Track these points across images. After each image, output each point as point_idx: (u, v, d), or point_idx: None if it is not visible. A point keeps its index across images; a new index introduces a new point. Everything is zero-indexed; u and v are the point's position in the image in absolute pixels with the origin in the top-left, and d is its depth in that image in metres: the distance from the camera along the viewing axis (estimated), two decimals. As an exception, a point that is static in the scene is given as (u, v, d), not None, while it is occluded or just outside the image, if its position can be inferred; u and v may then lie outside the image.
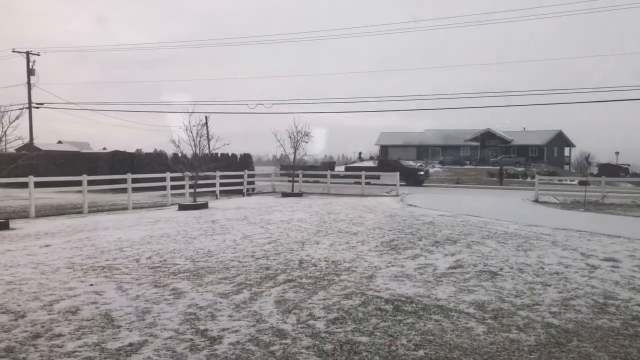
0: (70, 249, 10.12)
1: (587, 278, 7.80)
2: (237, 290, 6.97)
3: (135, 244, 10.73)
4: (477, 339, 5.20)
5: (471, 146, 74.63)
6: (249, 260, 8.98)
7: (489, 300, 6.57)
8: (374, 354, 4.78)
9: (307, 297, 6.65)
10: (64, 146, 73.49)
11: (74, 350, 4.81)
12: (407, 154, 74.91)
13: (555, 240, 11.21)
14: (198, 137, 20.32)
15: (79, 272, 8.07)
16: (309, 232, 12.37)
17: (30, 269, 8.30)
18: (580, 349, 4.96)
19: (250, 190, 29.19)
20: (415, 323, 5.67)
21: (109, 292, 6.90)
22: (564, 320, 5.83)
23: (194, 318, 5.79)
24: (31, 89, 43.45)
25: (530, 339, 5.20)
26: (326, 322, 5.69)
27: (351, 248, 10.24)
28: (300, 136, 26.34)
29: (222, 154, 28.99)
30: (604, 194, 23.81)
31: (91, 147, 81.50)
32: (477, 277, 7.82)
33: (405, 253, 9.73)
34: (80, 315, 5.88)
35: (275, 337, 5.18)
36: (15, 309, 6.11)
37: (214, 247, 10.36)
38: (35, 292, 6.89)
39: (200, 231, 12.63)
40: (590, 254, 9.63)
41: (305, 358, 4.66)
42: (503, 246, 10.48)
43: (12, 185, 20.51)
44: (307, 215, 16.33)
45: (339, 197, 25.27)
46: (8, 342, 5.03)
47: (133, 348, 4.88)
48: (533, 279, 7.76)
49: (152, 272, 8.11)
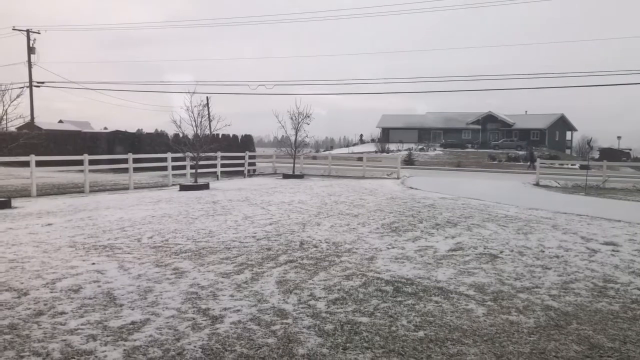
0: (72, 228, 10.15)
1: (587, 262, 7.83)
2: (238, 271, 7.00)
3: (137, 223, 10.76)
4: (477, 320, 5.24)
5: (473, 129, 74.48)
6: (250, 241, 9.01)
7: (489, 283, 6.61)
8: (374, 334, 4.82)
9: (308, 278, 6.68)
10: (65, 125, 73.31)
11: (76, 328, 4.85)
12: (408, 137, 74.80)
13: (556, 224, 11.23)
14: (199, 118, 20.26)
15: (80, 251, 8.11)
16: (310, 214, 12.39)
17: (32, 248, 8.34)
18: (580, 332, 4.99)
19: (252, 172, 29.21)
20: (416, 304, 5.70)
21: (110, 271, 6.94)
22: (563, 303, 5.87)
23: (196, 297, 5.83)
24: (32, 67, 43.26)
25: (529, 321, 5.24)
26: (327, 302, 5.73)
27: (352, 230, 10.27)
28: (301, 118, 26.27)
29: (223, 135, 28.92)
30: (605, 178, 23.81)
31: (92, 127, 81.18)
32: (477, 260, 7.85)
33: (405, 235, 9.75)
34: (83, 294, 5.92)
35: (276, 317, 5.21)
36: (18, 287, 6.15)
37: (215, 227, 10.38)
38: (38, 270, 6.93)
39: (201, 211, 12.66)
40: (591, 238, 9.65)
41: (306, 338, 4.70)
42: (503, 229, 10.50)
43: (13, 164, 20.58)
44: (308, 197, 16.35)
45: (340, 179, 25.28)
46: (11, 320, 5.07)
47: (135, 326, 4.92)
48: (533, 262, 7.79)
49: (154, 251, 8.15)
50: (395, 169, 28.17)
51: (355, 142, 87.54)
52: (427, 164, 45.71)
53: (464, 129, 75.43)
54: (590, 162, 34.43)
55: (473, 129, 74.38)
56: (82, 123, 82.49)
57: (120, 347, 4.45)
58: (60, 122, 77.81)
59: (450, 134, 75.21)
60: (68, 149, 30.04)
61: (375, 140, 76.42)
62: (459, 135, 75.00)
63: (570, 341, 4.76)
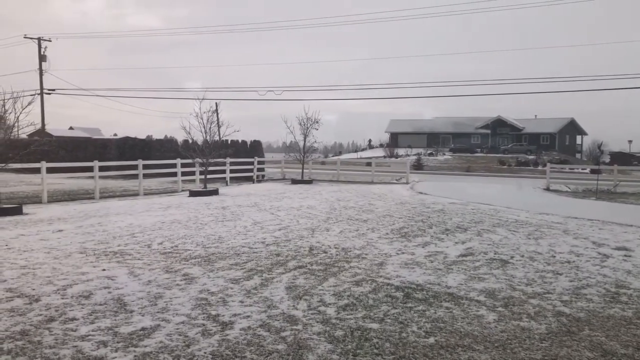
0: (82, 234, 10.21)
1: (599, 267, 7.76)
2: (248, 276, 7.01)
3: (147, 229, 10.80)
4: (488, 326, 5.20)
5: (482, 134, 74.18)
6: (260, 247, 9.02)
7: (500, 288, 6.56)
8: (384, 340, 4.79)
9: (318, 284, 6.67)
10: (76, 132, 73.94)
11: (87, 334, 4.87)
12: (417, 142, 74.61)
13: (567, 229, 11.15)
14: (208, 124, 20.36)
15: (91, 257, 8.14)
16: (318, 219, 12.39)
17: (43, 254, 8.39)
18: (592, 338, 4.94)
19: (260, 177, 29.27)
20: (426, 310, 5.67)
21: (121, 277, 6.96)
22: (575, 309, 5.81)
23: (206, 303, 5.84)
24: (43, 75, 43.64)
25: (541, 327, 5.19)
26: (337, 308, 5.71)
27: (361, 235, 10.25)
28: (310, 123, 26.29)
29: (232, 141, 29.00)
30: (616, 182, 23.62)
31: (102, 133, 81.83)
32: (488, 265, 7.81)
33: (415, 241, 9.72)
34: (93, 300, 5.94)
35: (286, 323, 5.20)
36: (29, 293, 6.19)
37: (225, 233, 10.40)
38: (49, 276, 6.96)
39: (210, 217, 12.69)
40: (602, 243, 9.57)
41: (316, 344, 4.68)
42: (514, 234, 10.44)
43: (24, 170, 20.69)
44: (317, 202, 16.35)
45: (349, 185, 25.26)
46: (23, 326, 5.09)
47: (146, 332, 4.93)
48: (544, 267, 7.73)
49: (164, 257, 8.17)
50: (404, 174, 28.12)
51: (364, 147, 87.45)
52: (436, 169, 45.60)
53: (473, 134, 75.14)
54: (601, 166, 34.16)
55: (482, 133, 74.08)
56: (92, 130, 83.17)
57: (130, 353, 4.46)
58: (71, 129, 78.47)
59: (460, 139, 74.92)
60: (78, 155, 30.23)
61: (384, 145, 76.27)
62: (468, 139, 74.69)
63: (583, 348, 4.71)
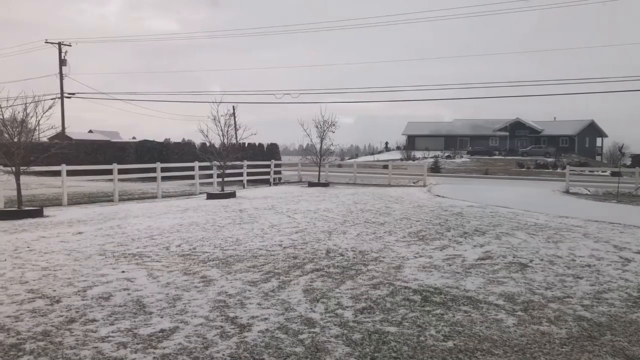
0: (102, 237, 10.33)
1: (621, 271, 7.65)
2: (265, 279, 7.03)
3: (165, 232, 10.89)
4: (507, 330, 5.15)
5: (500, 136, 73.62)
6: (277, 249, 9.04)
7: (519, 292, 6.50)
8: (402, 344, 4.77)
9: (335, 287, 6.66)
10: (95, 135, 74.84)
11: (107, 335, 4.92)
12: (434, 144, 74.30)
13: (587, 232, 11.00)
14: (226, 127, 20.50)
15: (110, 259, 8.23)
16: (335, 222, 12.38)
17: (64, 256, 8.50)
18: (614, 343, 4.87)
19: (277, 180, 29.33)
20: (444, 314, 5.64)
21: (140, 279, 7.03)
22: (596, 313, 5.73)
23: (224, 305, 5.86)
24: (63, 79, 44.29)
25: (561, 332, 5.13)
26: (354, 311, 5.70)
27: (378, 238, 10.22)
28: (326, 126, 26.31)
29: (249, 144, 29.12)
30: (637, 185, 23.24)
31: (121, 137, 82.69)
32: (507, 269, 7.73)
33: (433, 244, 9.66)
34: (113, 301, 6.00)
35: (303, 326, 5.21)
36: (50, 294, 6.28)
37: (242, 235, 10.44)
38: (69, 278, 7.06)
39: (228, 220, 12.75)
40: (624, 247, 9.42)
41: (334, 347, 4.68)
42: (533, 238, 10.33)
43: (45, 173, 21.04)
44: (334, 205, 16.34)
45: (365, 187, 25.21)
46: (44, 326, 5.17)
47: (164, 334, 4.97)
48: (564, 271, 7.63)
49: (182, 259, 8.23)
50: (422, 177, 27.96)
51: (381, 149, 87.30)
52: (453, 172, 45.30)
53: (492, 136, 74.61)
54: (622, 168, 33.68)
55: (501, 135, 73.53)
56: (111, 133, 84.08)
57: (150, 354, 4.49)
58: (90, 132, 79.52)
59: (478, 141, 74.44)
60: (98, 158, 30.64)
61: (401, 148, 76.08)
62: (486, 142, 74.17)
63: (605, 353, 4.64)
